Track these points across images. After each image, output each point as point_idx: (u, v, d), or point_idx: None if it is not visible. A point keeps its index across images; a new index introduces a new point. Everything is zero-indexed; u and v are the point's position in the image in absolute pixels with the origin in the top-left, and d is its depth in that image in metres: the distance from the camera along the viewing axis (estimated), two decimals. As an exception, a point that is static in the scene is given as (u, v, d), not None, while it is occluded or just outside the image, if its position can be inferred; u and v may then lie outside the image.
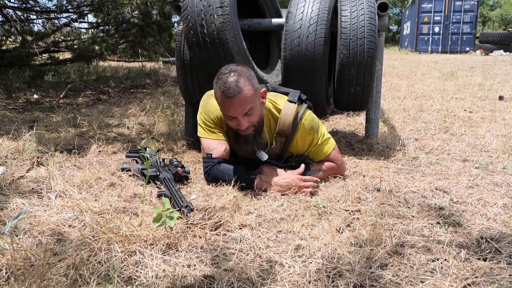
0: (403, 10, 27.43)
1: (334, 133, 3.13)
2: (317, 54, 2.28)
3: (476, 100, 4.67)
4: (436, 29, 18.15)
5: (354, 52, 2.31)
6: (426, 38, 18.48)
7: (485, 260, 1.26)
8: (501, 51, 15.56)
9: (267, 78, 2.48)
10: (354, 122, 3.57)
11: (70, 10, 6.01)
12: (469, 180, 2.01)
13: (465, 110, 4.09)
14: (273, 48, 3.14)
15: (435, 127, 3.26)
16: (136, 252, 1.27)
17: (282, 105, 1.93)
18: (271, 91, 2.08)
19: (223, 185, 1.84)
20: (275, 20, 2.72)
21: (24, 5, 5.58)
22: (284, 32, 2.36)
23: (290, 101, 1.95)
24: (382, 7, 2.42)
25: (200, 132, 1.99)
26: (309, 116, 1.95)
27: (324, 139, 1.98)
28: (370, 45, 2.29)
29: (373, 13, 2.35)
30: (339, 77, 2.39)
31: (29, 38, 5.62)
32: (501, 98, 4.76)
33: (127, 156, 2.32)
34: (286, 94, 2.01)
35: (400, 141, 2.76)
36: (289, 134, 1.93)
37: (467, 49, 17.75)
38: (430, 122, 3.47)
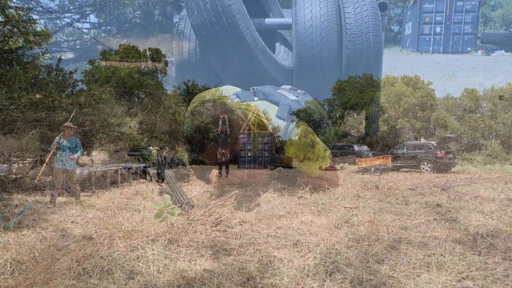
0: (404, 11, 27.39)
1: (334, 132, 3.14)
2: None
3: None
4: (438, 29, 18.11)
5: (360, 47, 2.33)
6: (427, 38, 18.43)
7: (480, 255, 1.28)
8: (503, 51, 15.53)
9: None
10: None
11: (72, 10, 6.04)
12: (467, 178, 2.03)
13: (465, 109, 4.09)
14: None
15: (434, 127, 3.27)
16: (138, 247, 1.29)
17: None
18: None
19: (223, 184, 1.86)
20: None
21: (27, 5, 5.60)
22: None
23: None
24: (382, 7, 2.44)
25: None
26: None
27: None
28: (376, 39, 2.31)
29: (376, 8, 2.38)
30: (346, 72, 2.41)
31: (32, 38, 5.64)
32: (501, 97, 4.76)
33: (129, 155, 2.34)
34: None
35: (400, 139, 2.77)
36: None
37: (469, 49, 17.70)
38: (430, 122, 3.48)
